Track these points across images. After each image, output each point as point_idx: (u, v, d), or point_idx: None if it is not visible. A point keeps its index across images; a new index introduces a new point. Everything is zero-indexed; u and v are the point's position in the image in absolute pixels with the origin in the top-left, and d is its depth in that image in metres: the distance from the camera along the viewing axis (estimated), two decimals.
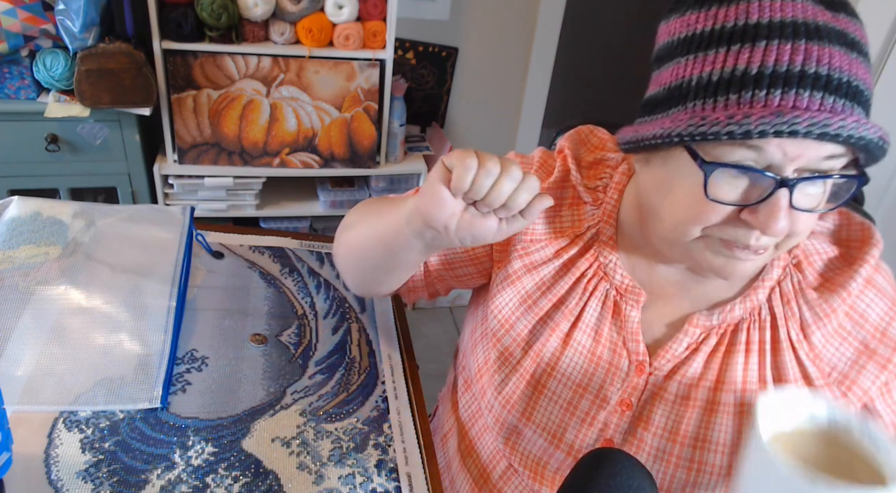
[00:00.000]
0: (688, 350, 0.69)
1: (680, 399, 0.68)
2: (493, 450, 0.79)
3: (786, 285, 0.67)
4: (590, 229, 0.73)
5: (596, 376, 0.71)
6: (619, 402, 0.70)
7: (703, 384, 0.68)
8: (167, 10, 1.64)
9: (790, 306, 0.67)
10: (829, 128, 0.52)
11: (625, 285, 0.71)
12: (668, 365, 0.69)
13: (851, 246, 0.68)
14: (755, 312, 0.68)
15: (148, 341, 0.78)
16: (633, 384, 0.70)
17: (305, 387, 0.78)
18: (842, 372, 0.66)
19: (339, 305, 0.92)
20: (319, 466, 0.70)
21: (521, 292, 0.74)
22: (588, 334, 0.72)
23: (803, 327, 0.67)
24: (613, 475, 0.48)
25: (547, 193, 0.59)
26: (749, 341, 0.67)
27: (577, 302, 0.72)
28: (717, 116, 0.54)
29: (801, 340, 0.66)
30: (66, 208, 0.92)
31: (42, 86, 1.66)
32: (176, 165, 1.82)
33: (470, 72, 2.27)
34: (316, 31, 1.74)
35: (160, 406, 0.72)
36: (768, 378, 0.67)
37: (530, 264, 0.74)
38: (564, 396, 0.72)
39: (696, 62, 0.56)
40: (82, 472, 0.64)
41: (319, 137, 1.89)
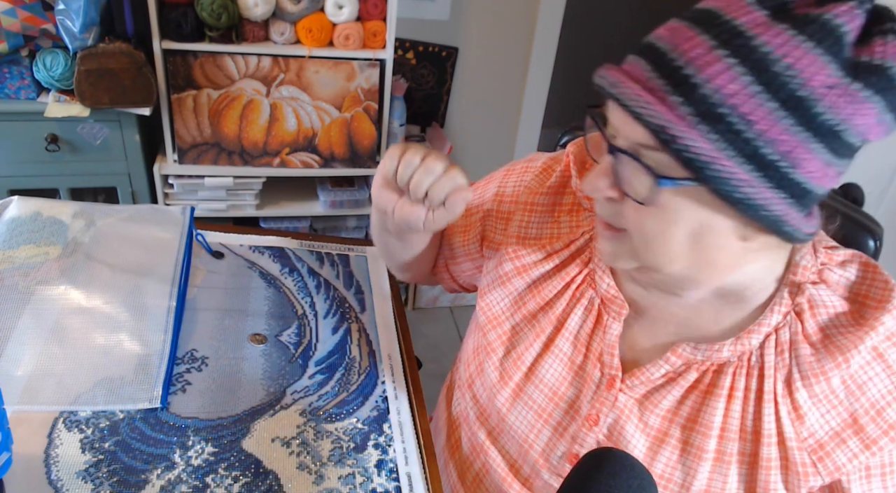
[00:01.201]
0: (664, 378, 0.66)
1: (657, 432, 0.66)
2: (474, 445, 0.80)
3: (783, 333, 0.62)
4: (584, 235, 0.72)
5: (573, 385, 0.70)
6: (587, 416, 0.69)
7: (678, 421, 0.65)
8: (167, 10, 1.64)
9: (782, 356, 0.62)
10: (614, 88, 0.52)
11: (609, 294, 0.69)
12: (641, 387, 0.67)
13: (867, 305, 0.61)
14: (745, 357, 0.63)
15: (148, 341, 0.78)
16: (601, 399, 0.68)
17: (305, 387, 0.78)
18: (819, 441, 0.61)
19: (339, 305, 0.92)
20: (319, 466, 0.70)
21: (512, 293, 0.75)
22: (569, 341, 0.71)
23: (789, 381, 0.61)
24: (613, 475, 0.48)
25: (470, 188, 0.63)
26: (734, 387, 0.63)
27: (564, 308, 0.71)
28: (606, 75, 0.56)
29: (785, 395, 0.61)
30: (66, 208, 0.92)
31: (42, 86, 1.66)
32: (176, 165, 1.82)
33: (470, 72, 2.27)
34: (316, 31, 1.74)
35: (160, 406, 0.72)
36: (749, 428, 0.63)
37: (521, 266, 0.74)
38: (540, 401, 0.71)
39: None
40: (82, 472, 0.64)
41: (319, 137, 1.89)
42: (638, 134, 0.52)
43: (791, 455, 0.61)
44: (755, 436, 0.63)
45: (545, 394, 0.71)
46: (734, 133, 0.49)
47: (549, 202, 0.75)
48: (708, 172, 0.49)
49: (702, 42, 0.49)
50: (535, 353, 0.72)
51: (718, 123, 0.49)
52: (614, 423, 0.68)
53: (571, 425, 0.70)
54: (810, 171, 0.51)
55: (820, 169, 0.51)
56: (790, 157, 0.49)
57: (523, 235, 0.75)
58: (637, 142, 0.53)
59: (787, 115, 0.48)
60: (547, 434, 0.71)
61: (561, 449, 0.70)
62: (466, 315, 2.50)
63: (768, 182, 0.50)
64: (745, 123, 0.49)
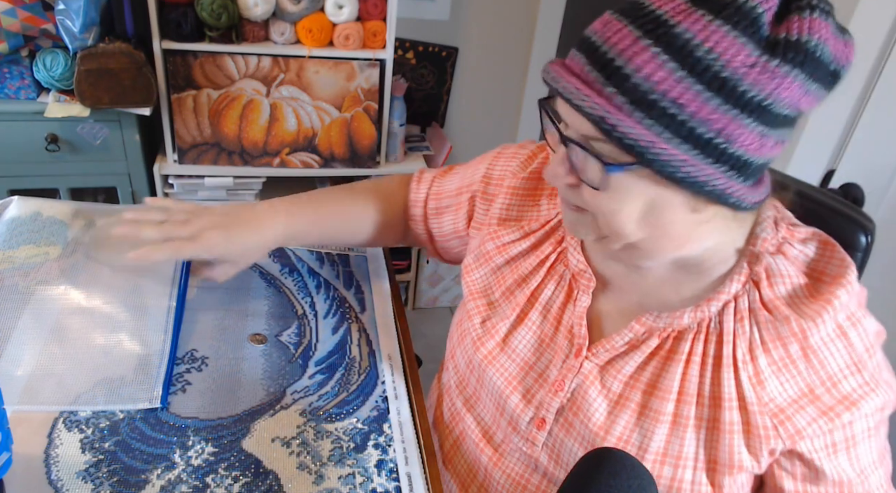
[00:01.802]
0: (627, 346, 0.69)
1: (616, 396, 0.68)
2: (453, 413, 0.84)
3: (742, 301, 0.65)
4: (558, 216, 0.77)
5: (544, 356, 0.74)
6: (554, 381, 0.72)
7: (638, 386, 0.67)
8: (167, 10, 1.64)
9: (742, 323, 0.64)
10: (556, 83, 0.56)
11: (578, 269, 0.73)
12: (605, 355, 0.70)
13: (822, 280, 0.64)
14: (704, 323, 0.66)
15: (148, 341, 0.78)
16: (568, 366, 0.72)
17: (305, 387, 0.78)
18: (778, 405, 0.63)
19: (339, 305, 0.92)
20: (319, 466, 0.70)
21: (493, 269, 0.80)
22: (541, 314, 0.75)
23: (752, 347, 0.64)
24: (613, 476, 0.48)
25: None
26: (692, 352, 0.66)
27: (539, 284, 0.76)
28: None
29: (748, 361, 0.64)
30: (66, 208, 0.92)
31: (42, 86, 1.66)
32: (176, 165, 1.82)
33: (470, 72, 2.27)
34: (316, 31, 1.74)
35: (160, 406, 0.72)
36: (706, 393, 0.65)
37: (502, 245, 0.79)
38: (512, 370, 0.75)
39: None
40: (82, 472, 0.64)
41: (319, 137, 1.89)
42: (583, 125, 0.56)
43: (753, 419, 0.63)
44: (714, 401, 0.65)
45: (517, 363, 0.75)
46: (668, 117, 0.53)
47: (531, 187, 0.81)
48: (649, 156, 0.53)
49: (629, 33, 0.53)
50: (510, 324, 0.76)
51: (651, 109, 0.53)
52: (577, 388, 0.71)
53: (539, 391, 0.73)
54: (746, 144, 0.54)
55: (756, 141, 0.54)
56: (724, 133, 0.53)
57: (504, 216, 0.81)
58: (583, 133, 0.57)
59: (713, 95, 0.52)
60: (516, 400, 0.74)
61: (529, 414, 0.74)
62: None
63: (707, 159, 0.54)
64: (676, 106, 0.52)
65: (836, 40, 0.54)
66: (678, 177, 0.54)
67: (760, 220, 0.66)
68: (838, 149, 1.37)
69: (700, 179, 0.54)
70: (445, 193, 0.90)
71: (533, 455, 0.74)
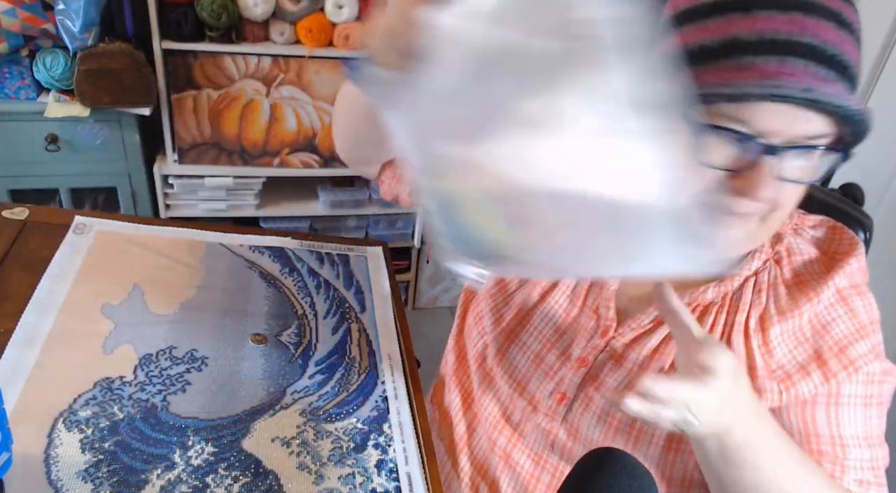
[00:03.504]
0: (653, 323, 0.71)
1: (636, 367, 0.70)
2: (465, 397, 0.85)
3: (763, 276, 0.68)
4: None
5: (566, 335, 0.75)
6: (577, 359, 0.74)
7: (659, 358, 0.69)
8: (167, 10, 1.64)
9: (759, 295, 0.67)
10: (812, 93, 0.53)
11: None
12: (631, 333, 0.71)
13: (835, 257, 0.68)
14: (727, 297, 0.69)
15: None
16: (593, 345, 0.73)
17: (305, 387, 0.78)
18: (786, 372, 0.65)
19: (339, 305, 0.92)
20: (319, 466, 0.70)
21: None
22: (566, 294, 0.76)
23: (763, 318, 0.66)
24: (614, 476, 0.48)
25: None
26: (715, 324, 0.68)
27: None
28: (710, 80, 0.55)
29: (758, 331, 0.66)
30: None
31: (42, 86, 1.66)
32: (176, 165, 1.82)
33: None
34: (316, 31, 1.74)
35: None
36: None
37: None
38: (534, 348, 0.77)
39: (695, 30, 0.57)
40: (82, 472, 0.64)
41: (319, 137, 1.89)
42: (811, 127, 0.55)
43: (761, 385, 0.65)
44: None
45: (539, 341, 0.77)
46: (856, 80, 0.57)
47: None
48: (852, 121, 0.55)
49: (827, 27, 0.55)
50: (532, 302, 0.78)
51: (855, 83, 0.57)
52: (601, 364, 0.73)
53: (562, 369, 0.75)
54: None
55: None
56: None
57: None
58: (808, 135, 0.56)
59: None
60: (539, 376, 0.76)
61: (549, 388, 0.75)
62: None
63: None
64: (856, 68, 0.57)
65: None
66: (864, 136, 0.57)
67: None
68: None
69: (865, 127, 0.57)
70: None
71: (552, 431, 0.75)
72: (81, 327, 0.78)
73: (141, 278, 0.87)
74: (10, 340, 0.74)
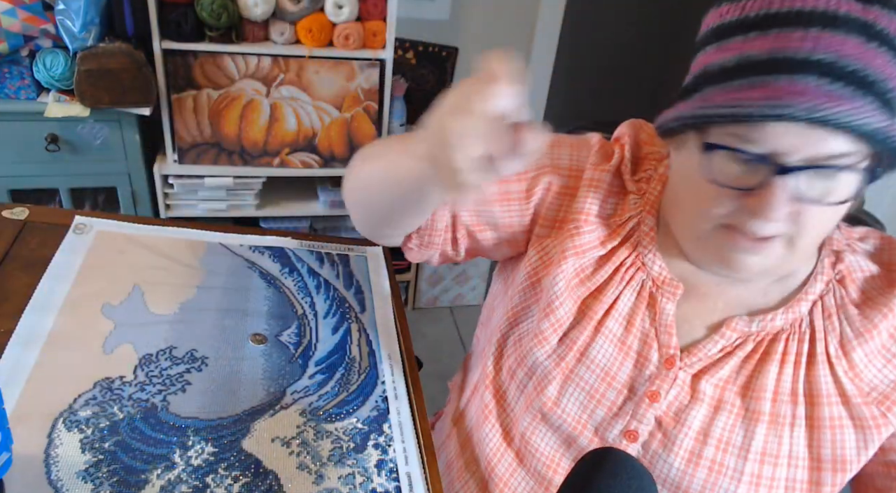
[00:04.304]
0: (721, 352, 0.68)
1: (715, 401, 0.68)
2: (496, 447, 0.79)
3: (828, 299, 0.67)
4: (631, 219, 0.74)
5: (625, 366, 0.71)
6: (647, 393, 0.70)
7: (732, 389, 0.67)
8: (167, 9, 1.64)
9: (831, 320, 0.66)
10: (817, 112, 0.51)
11: (662, 277, 0.71)
12: (698, 364, 0.69)
13: (893, 269, 0.67)
14: (796, 324, 0.67)
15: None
16: (661, 377, 0.70)
17: (305, 387, 0.78)
18: (882, 393, 0.65)
19: (339, 305, 0.92)
20: (319, 466, 0.70)
21: (568, 273, 0.73)
22: (620, 324, 0.72)
23: (843, 342, 0.65)
24: (613, 476, 0.48)
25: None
26: (786, 352, 0.67)
27: (613, 291, 0.72)
28: (720, 99, 0.55)
29: (840, 356, 0.65)
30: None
31: (42, 86, 1.66)
32: (176, 165, 1.82)
33: (470, 72, 2.27)
34: (316, 31, 1.74)
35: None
36: (800, 391, 0.66)
37: (579, 246, 0.72)
38: (592, 382, 0.72)
39: (717, 51, 0.57)
40: (82, 472, 0.64)
41: (319, 137, 1.89)
42: (828, 146, 0.54)
43: (859, 412, 0.64)
44: (810, 398, 0.66)
45: (597, 375, 0.72)
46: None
47: (613, 182, 0.74)
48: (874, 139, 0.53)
49: (853, 42, 0.52)
50: (587, 336, 0.72)
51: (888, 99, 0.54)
52: (674, 399, 0.69)
53: (628, 403, 0.71)
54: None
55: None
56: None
57: (587, 212, 0.73)
58: (827, 153, 0.54)
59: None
60: (601, 414, 0.72)
61: (618, 427, 0.71)
62: (466, 315, 2.49)
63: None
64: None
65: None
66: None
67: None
68: None
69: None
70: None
71: None
72: (81, 327, 0.78)
73: (141, 278, 0.87)
74: (10, 340, 0.74)
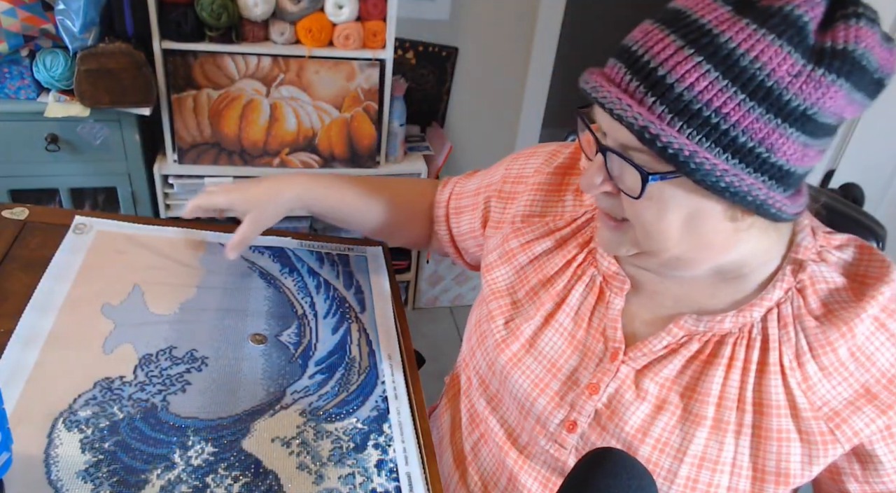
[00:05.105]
0: (666, 349, 0.68)
1: (658, 400, 0.67)
2: (472, 415, 0.83)
3: (785, 308, 0.64)
4: (585, 214, 0.76)
5: (572, 358, 0.73)
6: (588, 385, 0.71)
7: (676, 390, 0.67)
8: (167, 9, 1.64)
9: (786, 330, 0.64)
10: (597, 93, 0.56)
11: (611, 271, 0.72)
12: (643, 359, 0.69)
13: (865, 282, 0.64)
14: (746, 328, 0.65)
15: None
16: (604, 370, 0.70)
17: (305, 387, 0.78)
18: (833, 409, 0.63)
19: (339, 305, 0.92)
20: (319, 466, 0.70)
21: (516, 268, 0.78)
22: (570, 317, 0.74)
23: (798, 354, 0.63)
24: (613, 476, 0.48)
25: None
26: (733, 357, 0.65)
27: (565, 285, 0.74)
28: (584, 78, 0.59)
29: (795, 367, 0.63)
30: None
31: (42, 86, 1.66)
32: (176, 165, 1.82)
33: (470, 72, 2.27)
34: (316, 31, 1.74)
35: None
36: (748, 399, 0.65)
37: (525, 243, 0.78)
38: (538, 372, 0.74)
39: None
40: (82, 472, 0.64)
41: (319, 137, 1.89)
42: (623, 135, 0.56)
43: (807, 426, 0.63)
44: (758, 407, 0.64)
45: (543, 365, 0.73)
46: (710, 127, 0.52)
47: (556, 182, 0.80)
48: (691, 166, 0.53)
49: (671, 43, 0.53)
50: (536, 326, 0.75)
51: (694, 119, 0.52)
52: (615, 392, 0.69)
53: (569, 394, 0.72)
54: (788, 154, 0.54)
55: (797, 151, 0.54)
56: (766, 143, 0.53)
57: (528, 212, 0.80)
58: (622, 142, 0.57)
59: (756, 104, 0.51)
60: (543, 402, 0.73)
61: (559, 417, 0.72)
62: (466, 315, 2.48)
63: (748, 168, 0.54)
64: (719, 116, 0.52)
65: (881, 48, 0.53)
66: (720, 187, 0.53)
67: (799, 228, 0.66)
68: (838, 149, 1.37)
69: (742, 189, 0.54)
70: (465, 194, 0.92)
71: (560, 458, 0.73)
72: (81, 327, 0.78)
73: (141, 277, 0.87)
74: (10, 340, 0.74)
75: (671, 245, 0.61)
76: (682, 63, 0.52)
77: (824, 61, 0.51)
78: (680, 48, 0.52)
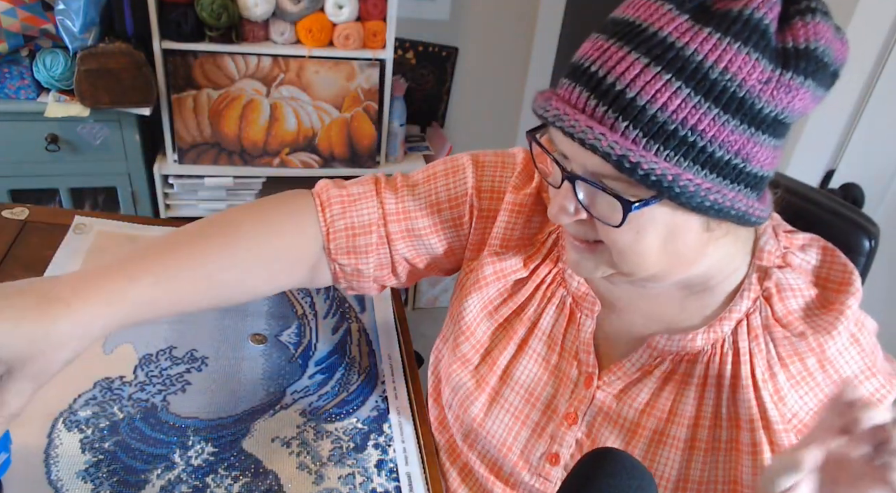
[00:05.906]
0: (640, 372, 0.66)
1: (631, 424, 0.66)
2: (452, 445, 0.79)
3: (755, 318, 0.63)
4: (551, 236, 0.71)
5: (549, 385, 0.70)
6: (565, 415, 0.69)
7: (654, 413, 0.65)
8: (167, 9, 1.64)
9: (757, 342, 0.63)
10: (562, 122, 0.51)
11: (580, 292, 0.69)
12: (618, 383, 0.67)
13: (829, 288, 0.64)
14: (718, 344, 0.64)
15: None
16: (580, 397, 0.68)
17: (305, 387, 0.78)
18: (802, 421, 0.62)
19: (339, 305, 0.92)
20: (319, 466, 0.70)
21: (484, 298, 0.73)
22: (543, 342, 0.71)
23: (770, 365, 0.62)
24: (613, 476, 0.48)
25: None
26: (707, 375, 0.64)
27: (536, 309, 0.71)
28: (539, 99, 0.56)
29: (767, 379, 0.62)
30: None
31: (42, 86, 1.65)
32: (176, 165, 1.82)
33: (470, 72, 2.27)
34: (316, 31, 1.74)
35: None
36: (723, 415, 0.64)
37: (500, 271, 0.72)
38: (516, 403, 0.71)
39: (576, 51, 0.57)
40: (82, 472, 0.64)
41: (319, 137, 1.89)
42: (593, 163, 0.52)
43: (779, 439, 0.62)
44: (732, 422, 0.63)
45: (521, 396, 0.71)
46: (688, 146, 0.50)
47: (531, 203, 0.72)
48: (675, 190, 0.50)
49: (635, 61, 0.49)
50: (510, 356, 0.71)
51: (671, 140, 0.50)
52: (593, 420, 0.68)
53: (549, 424, 0.70)
54: (762, 160, 0.53)
55: (769, 155, 0.54)
56: (742, 153, 0.51)
57: (507, 236, 0.72)
58: (593, 170, 0.53)
59: (731, 117, 0.50)
60: (525, 435, 0.71)
61: (540, 450, 0.70)
62: None
63: (726, 181, 0.52)
64: (695, 133, 0.49)
65: (836, 41, 0.52)
66: (705, 206, 0.51)
67: (762, 231, 0.65)
68: (838, 149, 1.37)
69: (725, 204, 0.52)
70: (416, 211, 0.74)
71: (545, 492, 0.71)
72: None
73: None
74: None
75: (649, 266, 0.58)
76: (651, 82, 0.48)
77: (790, 64, 0.50)
78: (646, 66, 0.49)
